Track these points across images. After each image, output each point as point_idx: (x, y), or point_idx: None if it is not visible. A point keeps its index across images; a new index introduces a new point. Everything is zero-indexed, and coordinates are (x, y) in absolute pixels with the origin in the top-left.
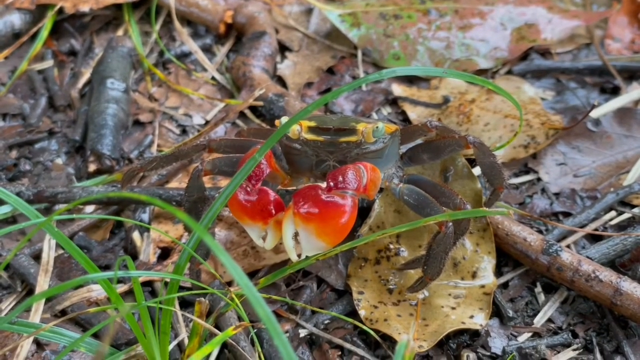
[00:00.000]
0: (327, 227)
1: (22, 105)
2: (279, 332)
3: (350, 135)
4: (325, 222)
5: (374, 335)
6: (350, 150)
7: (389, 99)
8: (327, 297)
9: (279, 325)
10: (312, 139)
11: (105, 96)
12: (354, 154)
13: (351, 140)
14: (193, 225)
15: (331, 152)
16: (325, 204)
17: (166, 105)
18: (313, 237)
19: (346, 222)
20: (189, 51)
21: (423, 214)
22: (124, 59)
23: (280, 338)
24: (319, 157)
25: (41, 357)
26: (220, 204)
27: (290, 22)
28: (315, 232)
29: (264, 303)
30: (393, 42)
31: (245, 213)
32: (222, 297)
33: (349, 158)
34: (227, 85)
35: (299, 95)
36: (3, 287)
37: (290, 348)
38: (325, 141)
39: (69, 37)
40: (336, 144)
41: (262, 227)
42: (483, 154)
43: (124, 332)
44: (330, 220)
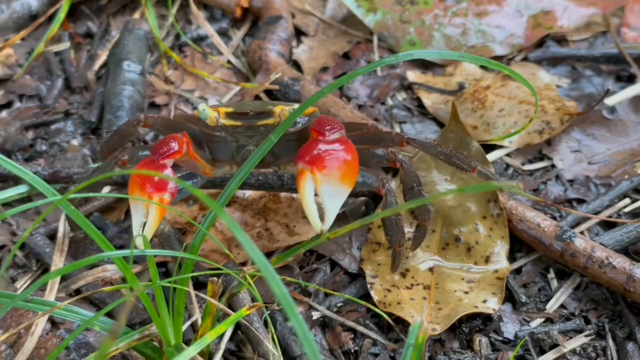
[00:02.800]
0: (347, 168)
1: (39, 86)
2: (294, 309)
3: (268, 117)
4: (343, 165)
5: (386, 318)
6: (269, 132)
7: (404, 84)
8: (341, 280)
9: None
10: (230, 124)
11: (121, 78)
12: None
13: (269, 122)
14: (210, 203)
15: (250, 137)
16: (335, 152)
17: (182, 88)
18: (337, 185)
19: (355, 159)
20: (205, 34)
21: (365, 185)
22: (140, 42)
23: (295, 315)
24: (238, 142)
25: (56, 335)
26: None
27: (306, 7)
28: (339, 179)
29: (279, 280)
30: (409, 28)
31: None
32: (236, 277)
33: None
34: (243, 69)
35: (314, 79)
36: (18, 266)
37: (304, 325)
38: (244, 125)
39: (85, 19)
40: (254, 127)
41: (147, 202)
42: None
43: (138, 312)
44: (347, 162)
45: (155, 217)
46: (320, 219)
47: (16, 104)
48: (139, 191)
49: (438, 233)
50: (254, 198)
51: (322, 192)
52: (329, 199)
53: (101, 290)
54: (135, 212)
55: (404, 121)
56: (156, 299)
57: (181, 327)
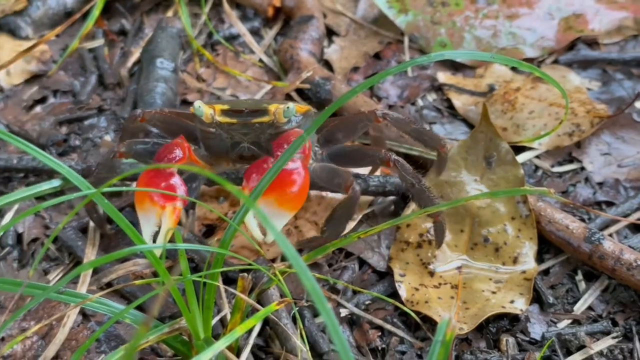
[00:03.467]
0: (286, 194)
1: (73, 82)
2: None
3: (263, 115)
4: (283, 190)
5: (414, 316)
6: (264, 130)
7: (434, 86)
8: (369, 278)
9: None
10: (225, 122)
11: (154, 75)
12: (268, 134)
13: (264, 120)
14: (243, 197)
15: (245, 134)
16: (283, 174)
17: (214, 86)
18: (275, 208)
19: (302, 185)
20: (237, 33)
21: (333, 185)
22: (173, 40)
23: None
24: (233, 139)
25: (87, 327)
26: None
27: (337, 7)
28: (276, 202)
29: (310, 274)
30: (440, 29)
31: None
32: (266, 273)
33: (262, 139)
34: (274, 67)
35: (345, 79)
36: (51, 259)
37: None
38: (239, 123)
39: (119, 17)
40: (249, 125)
41: (159, 212)
42: (400, 124)
43: (168, 306)
44: (287, 187)
45: (168, 225)
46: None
47: (50, 100)
48: (148, 201)
49: (466, 233)
50: None
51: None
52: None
53: (132, 284)
54: (145, 222)
55: (434, 122)
56: (187, 293)
57: (210, 321)
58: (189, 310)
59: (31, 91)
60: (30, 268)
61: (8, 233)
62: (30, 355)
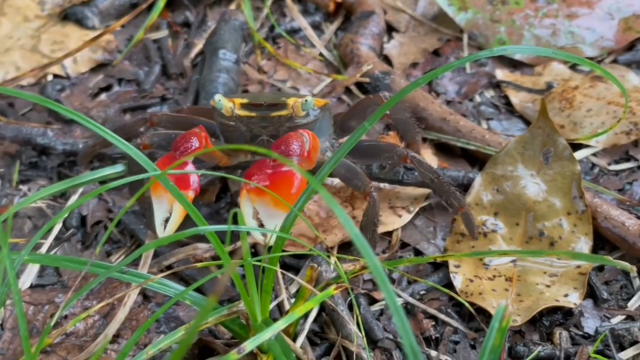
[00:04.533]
0: (282, 195)
1: (137, 72)
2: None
3: (281, 109)
4: (277, 192)
5: (468, 307)
6: (282, 124)
7: (492, 82)
8: (424, 268)
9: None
10: (245, 115)
11: (217, 66)
12: (286, 127)
13: (282, 114)
14: (309, 178)
15: (264, 127)
16: (273, 175)
17: (274, 78)
18: (271, 208)
19: (298, 188)
20: (298, 27)
21: (351, 184)
22: (235, 32)
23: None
24: (252, 132)
25: (147, 308)
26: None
27: (398, 4)
28: (272, 203)
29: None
30: (499, 27)
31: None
32: (325, 259)
33: (281, 132)
34: (334, 61)
35: (404, 74)
36: (113, 242)
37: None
38: (258, 116)
39: (183, 9)
40: (268, 118)
41: (172, 199)
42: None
43: (226, 290)
44: (282, 189)
45: (179, 213)
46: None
47: (115, 88)
48: (162, 188)
49: (522, 227)
50: (342, 186)
51: (259, 211)
52: (265, 218)
53: (193, 266)
54: (158, 208)
55: (491, 118)
56: (246, 277)
57: (268, 305)
58: (248, 294)
59: (97, 79)
60: (92, 250)
61: (72, 215)
62: (92, 333)
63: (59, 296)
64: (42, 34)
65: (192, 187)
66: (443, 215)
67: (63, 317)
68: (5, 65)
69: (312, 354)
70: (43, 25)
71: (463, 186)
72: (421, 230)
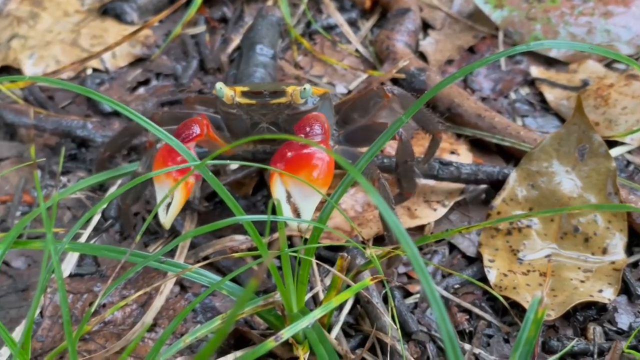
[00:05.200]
0: (317, 172)
1: (175, 66)
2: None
3: (281, 97)
4: (311, 169)
5: (502, 301)
6: (282, 111)
7: (527, 80)
8: (458, 263)
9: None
10: (245, 103)
11: (254, 60)
12: (285, 115)
13: (281, 101)
14: (349, 168)
15: (264, 114)
16: (306, 155)
17: (311, 74)
18: (307, 187)
19: (329, 163)
20: (334, 24)
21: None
22: (272, 28)
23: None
24: (253, 120)
25: (184, 298)
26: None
27: (433, 2)
28: (308, 181)
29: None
30: (535, 25)
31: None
32: (362, 250)
33: (280, 119)
34: (370, 57)
35: (439, 71)
36: (150, 233)
37: (432, 284)
38: (258, 104)
39: (221, 5)
40: (268, 105)
41: (173, 184)
42: (405, 100)
43: (262, 281)
44: (315, 166)
45: (179, 198)
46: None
47: (153, 82)
48: (164, 174)
49: (557, 222)
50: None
51: (293, 194)
52: (301, 200)
53: (230, 256)
54: (160, 193)
55: (526, 115)
56: (283, 268)
57: (304, 296)
58: (284, 285)
59: (135, 73)
60: (130, 240)
61: (111, 206)
62: (129, 321)
63: (98, 285)
64: (82, 29)
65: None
66: (477, 210)
67: (101, 306)
68: (46, 59)
69: (347, 345)
70: (83, 20)
71: (498, 182)
72: (455, 224)
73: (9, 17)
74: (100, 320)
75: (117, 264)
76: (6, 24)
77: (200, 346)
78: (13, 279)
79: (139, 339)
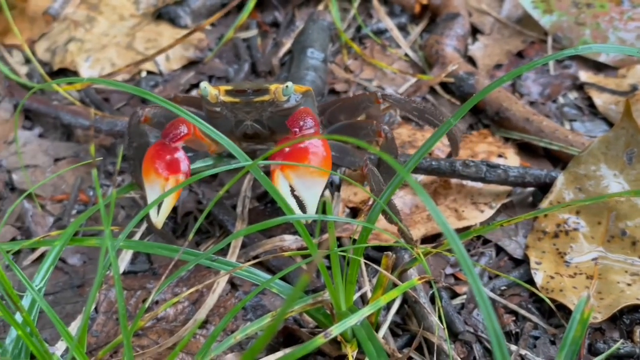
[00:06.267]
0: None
1: (227, 69)
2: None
3: (264, 94)
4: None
5: (549, 303)
6: (265, 108)
7: (575, 84)
8: (505, 265)
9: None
10: (229, 101)
11: (305, 64)
12: (269, 112)
13: (264, 99)
14: (398, 168)
15: (248, 112)
16: (304, 148)
17: (360, 77)
18: (308, 178)
19: (326, 152)
20: (384, 28)
21: (345, 163)
22: (323, 32)
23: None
24: (237, 118)
25: (234, 296)
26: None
27: (483, 7)
28: (308, 173)
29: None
30: (584, 30)
31: (154, 165)
32: (410, 250)
33: (264, 117)
34: (419, 62)
35: (488, 75)
36: (202, 232)
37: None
38: (242, 102)
39: (272, 9)
40: (251, 103)
41: (163, 183)
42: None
43: (311, 280)
44: (317, 154)
45: (170, 200)
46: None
47: None
48: (153, 173)
49: (604, 225)
50: (425, 182)
51: (296, 187)
52: (305, 191)
53: (280, 255)
54: (150, 193)
55: (574, 119)
56: (332, 267)
57: (352, 296)
58: (333, 284)
59: (188, 76)
60: (182, 239)
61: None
62: (181, 318)
63: (151, 282)
64: (137, 32)
65: (182, 171)
66: (524, 212)
67: (154, 303)
68: (102, 62)
69: (394, 344)
70: (138, 24)
71: (545, 185)
72: (503, 227)
73: (66, 20)
74: (153, 317)
75: (169, 262)
76: (63, 27)
77: (250, 343)
78: (69, 275)
79: (190, 335)
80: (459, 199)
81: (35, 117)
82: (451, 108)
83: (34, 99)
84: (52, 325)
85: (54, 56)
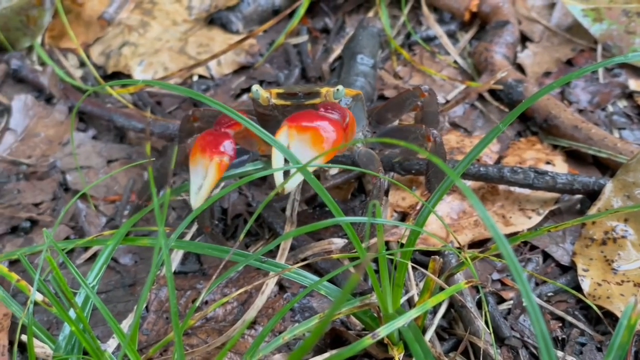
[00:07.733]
0: (322, 136)
1: (278, 74)
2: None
3: (315, 98)
4: (319, 132)
5: (596, 310)
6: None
7: (625, 92)
8: (552, 271)
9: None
10: (280, 104)
11: (354, 70)
12: None
13: (315, 102)
14: (448, 172)
15: None
16: (321, 116)
17: (410, 84)
18: (307, 146)
19: (337, 133)
20: (433, 35)
21: (369, 169)
22: (373, 38)
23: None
24: None
25: (282, 297)
26: (466, 163)
27: (532, 15)
28: (311, 141)
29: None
30: (634, 39)
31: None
32: (458, 255)
33: None
34: (468, 69)
35: (537, 83)
36: (251, 234)
37: (532, 294)
38: (293, 105)
39: (323, 16)
40: (303, 106)
41: (207, 163)
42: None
43: (359, 283)
44: (324, 131)
45: (212, 176)
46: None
47: None
48: (199, 154)
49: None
50: (473, 189)
51: (294, 146)
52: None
53: (328, 258)
54: (194, 175)
55: (623, 127)
56: (380, 269)
57: (399, 299)
58: (381, 286)
59: (239, 81)
60: (232, 241)
61: (215, 208)
62: (230, 318)
63: (200, 283)
64: (189, 37)
65: (227, 153)
66: (572, 219)
67: (204, 303)
68: (155, 66)
69: (440, 348)
70: (190, 29)
71: (593, 192)
72: (550, 233)
73: (120, 25)
74: (202, 316)
75: (219, 263)
76: (118, 32)
77: (298, 344)
78: (121, 274)
79: (238, 335)
80: (507, 205)
81: (89, 119)
82: (500, 115)
83: (88, 101)
84: (104, 323)
85: (108, 60)
